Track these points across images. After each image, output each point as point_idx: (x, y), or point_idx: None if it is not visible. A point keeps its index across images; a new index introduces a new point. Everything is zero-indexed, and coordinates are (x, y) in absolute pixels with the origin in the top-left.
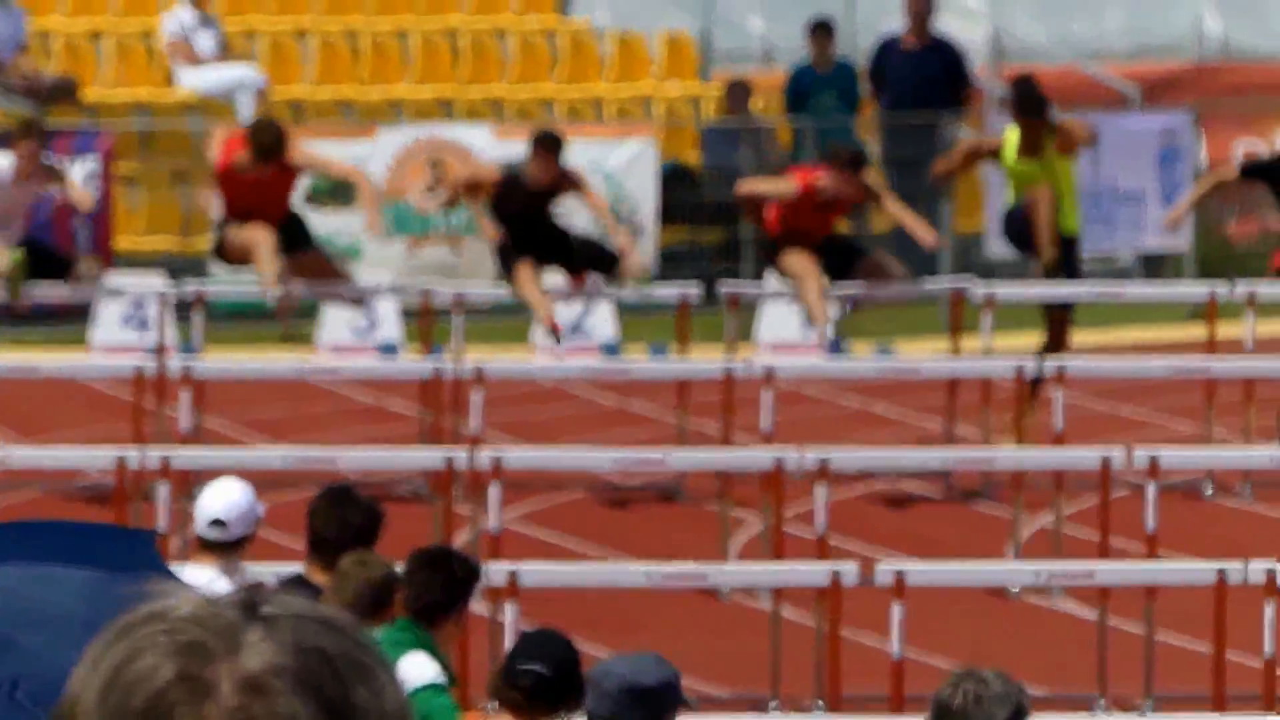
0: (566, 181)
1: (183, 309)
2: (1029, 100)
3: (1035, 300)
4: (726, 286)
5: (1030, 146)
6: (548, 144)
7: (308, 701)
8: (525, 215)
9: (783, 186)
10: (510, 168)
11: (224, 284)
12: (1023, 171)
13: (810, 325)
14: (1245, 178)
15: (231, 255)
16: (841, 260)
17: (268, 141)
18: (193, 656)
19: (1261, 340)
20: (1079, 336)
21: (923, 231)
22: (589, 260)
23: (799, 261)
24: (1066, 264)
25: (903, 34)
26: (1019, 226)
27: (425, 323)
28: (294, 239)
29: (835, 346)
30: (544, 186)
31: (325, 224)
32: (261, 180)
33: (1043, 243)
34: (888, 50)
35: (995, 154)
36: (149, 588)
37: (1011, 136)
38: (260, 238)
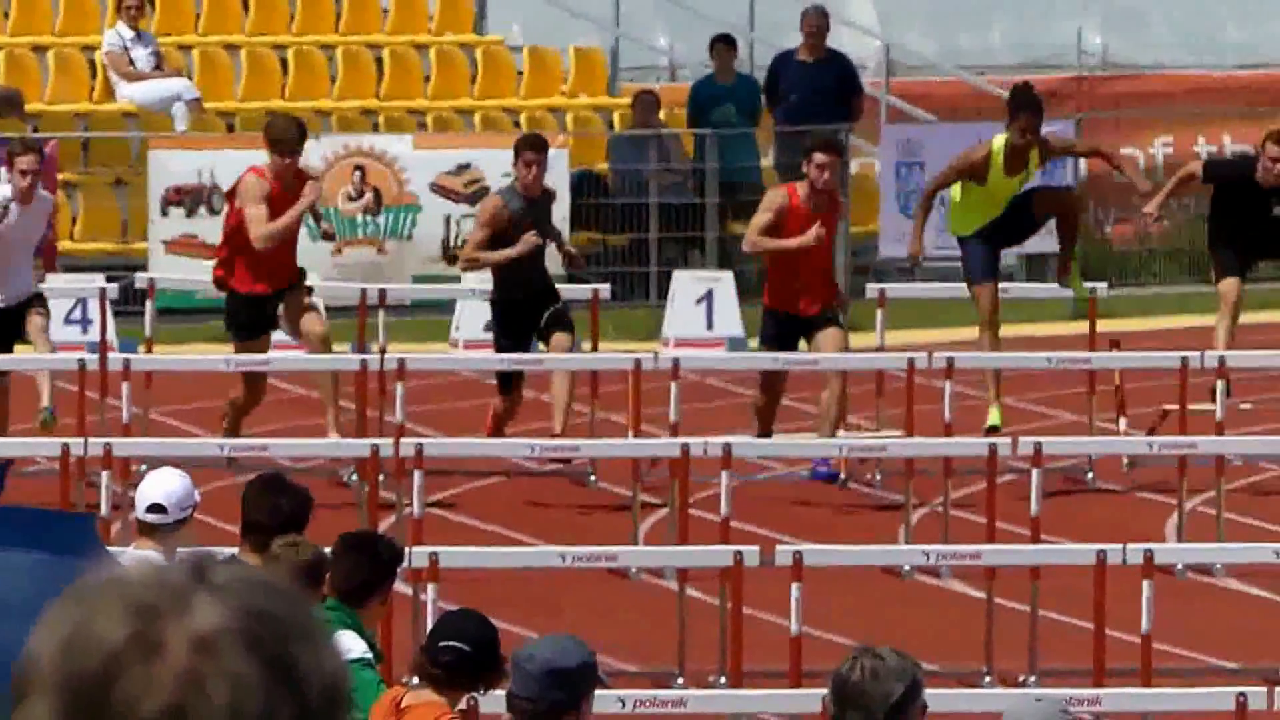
0: (548, 198)
1: (127, 300)
2: (1028, 100)
3: (923, 298)
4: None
5: (1017, 159)
6: (534, 144)
7: (254, 661)
8: (526, 236)
9: (771, 202)
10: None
11: (164, 283)
12: (1001, 187)
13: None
14: (1207, 179)
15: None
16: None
17: (276, 134)
18: (144, 618)
19: (1136, 335)
20: (966, 333)
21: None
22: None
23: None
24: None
25: (798, 49)
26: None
27: (360, 320)
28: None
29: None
30: (537, 193)
31: None
32: (286, 199)
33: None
34: (784, 64)
35: (979, 167)
36: (90, 569)
37: (997, 150)
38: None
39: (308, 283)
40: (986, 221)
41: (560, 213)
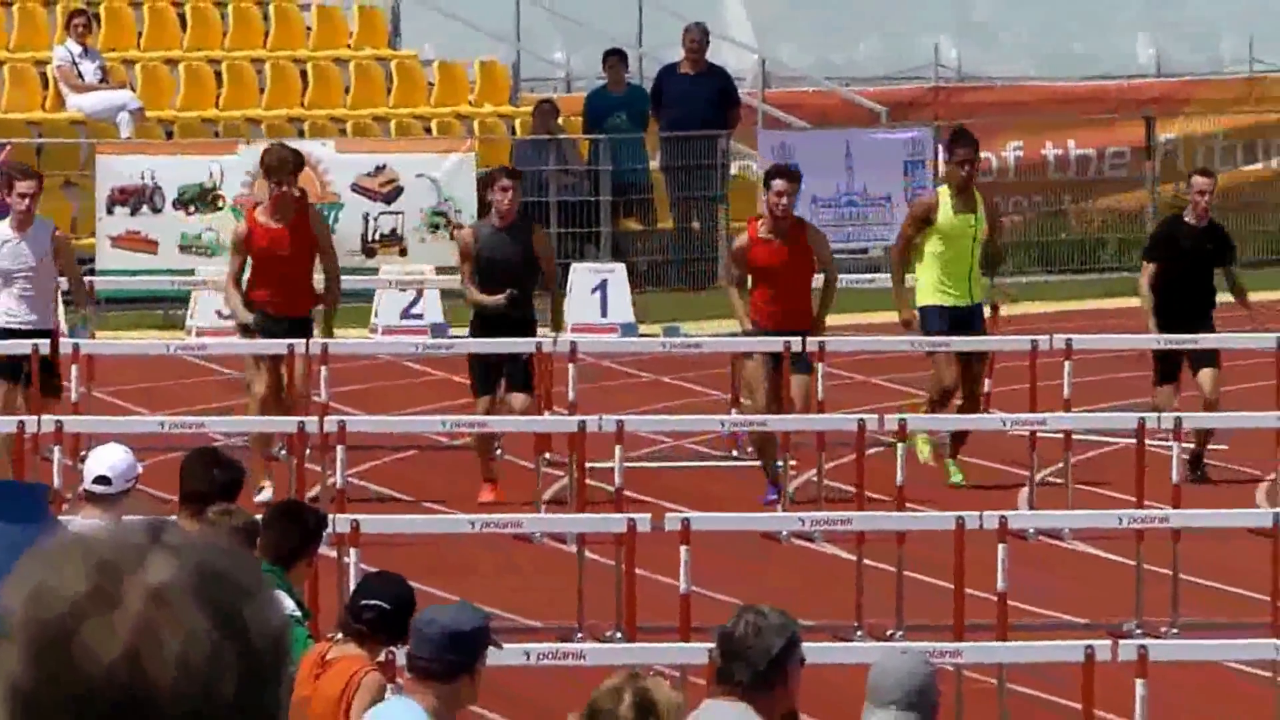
0: (534, 232)
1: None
2: (968, 136)
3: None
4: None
5: (964, 195)
6: (509, 173)
7: (203, 613)
8: (505, 266)
9: (739, 243)
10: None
11: (110, 276)
12: (959, 229)
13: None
14: (1153, 258)
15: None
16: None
17: (272, 162)
18: (104, 573)
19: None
20: (837, 319)
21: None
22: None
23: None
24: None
25: (681, 62)
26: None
27: None
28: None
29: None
30: (513, 217)
31: (191, 224)
32: (279, 235)
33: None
34: (668, 76)
35: (929, 212)
36: (44, 535)
37: (945, 195)
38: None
39: (315, 335)
40: (950, 280)
41: (469, 210)
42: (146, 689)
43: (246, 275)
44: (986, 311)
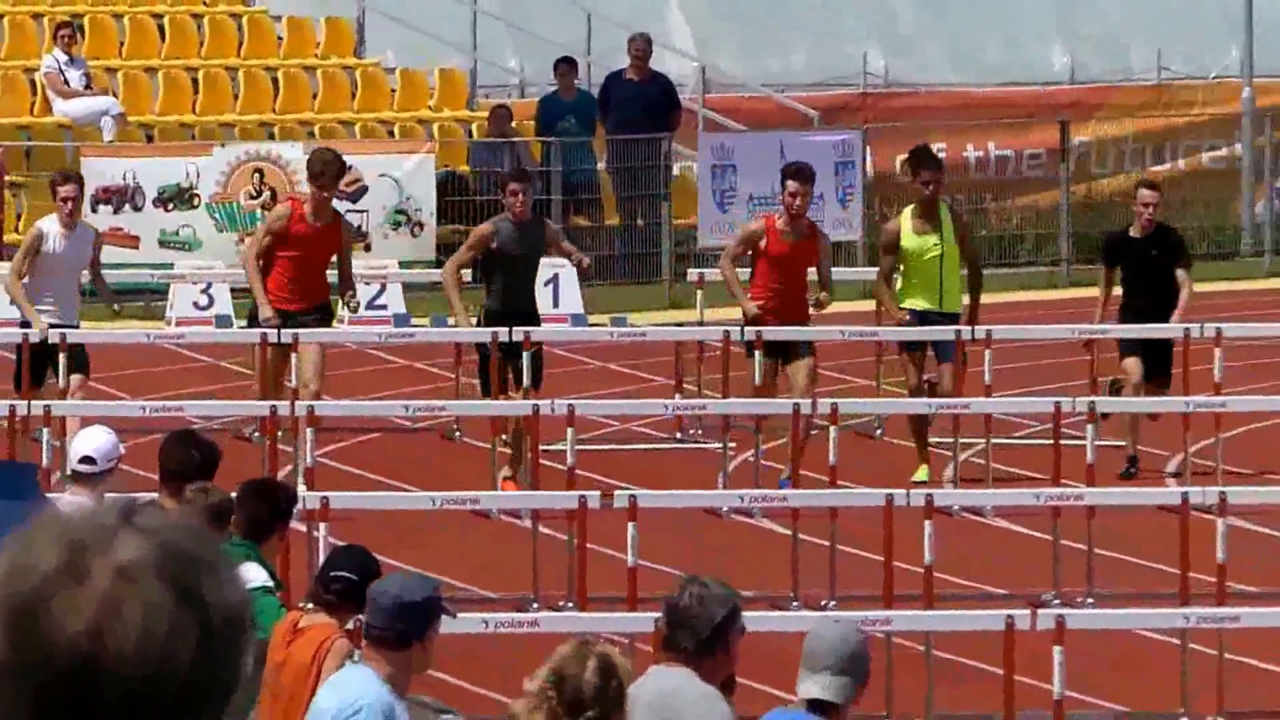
0: (541, 226)
1: None
2: (928, 155)
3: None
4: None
5: (928, 215)
6: (518, 175)
7: (165, 589)
8: (517, 259)
9: (750, 227)
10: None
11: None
12: (923, 249)
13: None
14: (1107, 263)
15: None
16: None
17: (320, 167)
18: (75, 551)
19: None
20: None
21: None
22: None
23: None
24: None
25: (626, 69)
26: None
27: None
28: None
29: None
30: (527, 217)
31: (169, 221)
32: (314, 234)
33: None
34: (614, 82)
35: (893, 239)
36: (33, 510)
37: (905, 220)
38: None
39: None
40: (923, 286)
41: (429, 208)
42: (107, 658)
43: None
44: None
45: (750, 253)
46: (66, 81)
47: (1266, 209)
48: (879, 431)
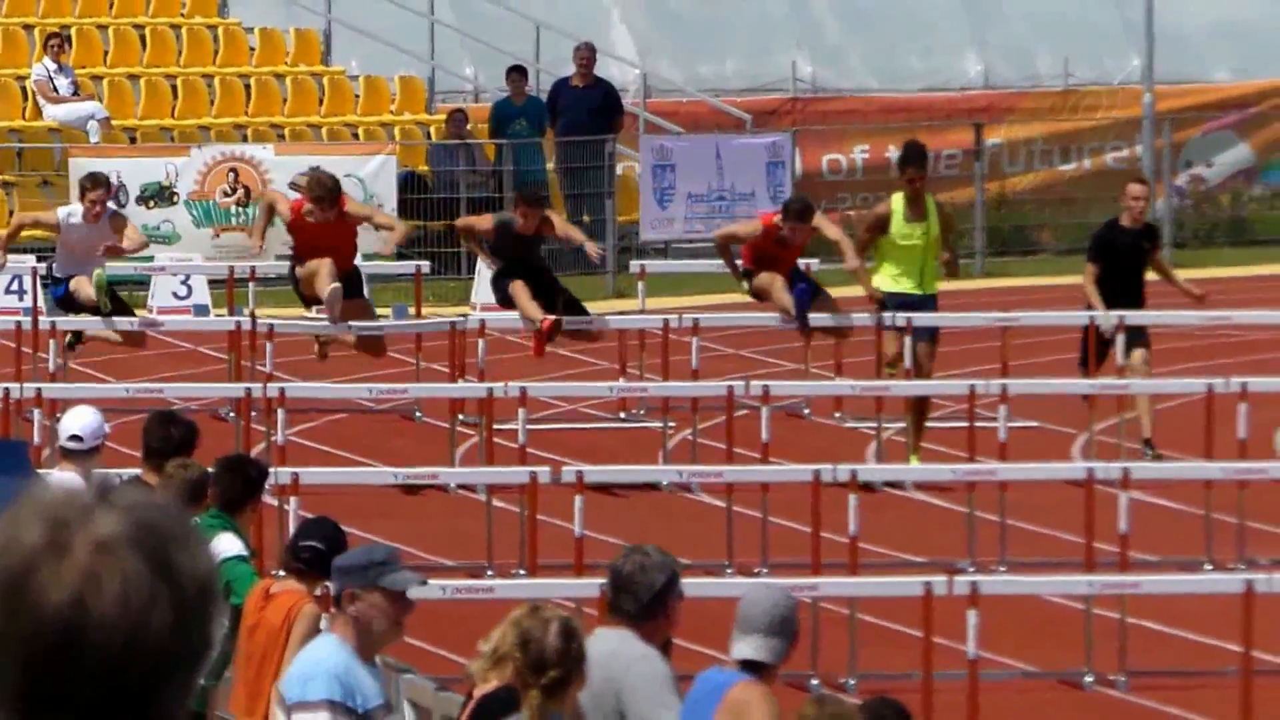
0: (545, 226)
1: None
2: (916, 153)
3: (674, 272)
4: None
5: (915, 206)
6: (531, 201)
7: (141, 561)
8: (518, 254)
9: (749, 227)
10: (501, 217)
11: None
12: (907, 234)
13: (783, 317)
14: (1096, 259)
15: (304, 286)
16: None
17: (321, 192)
18: (57, 527)
19: (848, 300)
20: (711, 298)
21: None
22: (566, 304)
23: (765, 275)
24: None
25: (573, 76)
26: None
27: (229, 290)
28: (349, 288)
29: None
30: (530, 232)
31: (151, 217)
32: (325, 226)
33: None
34: (561, 88)
35: (883, 221)
36: (23, 486)
37: (897, 205)
38: (324, 264)
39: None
40: (904, 272)
41: (390, 205)
42: (89, 625)
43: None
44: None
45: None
46: (55, 88)
47: (1166, 205)
48: (806, 412)
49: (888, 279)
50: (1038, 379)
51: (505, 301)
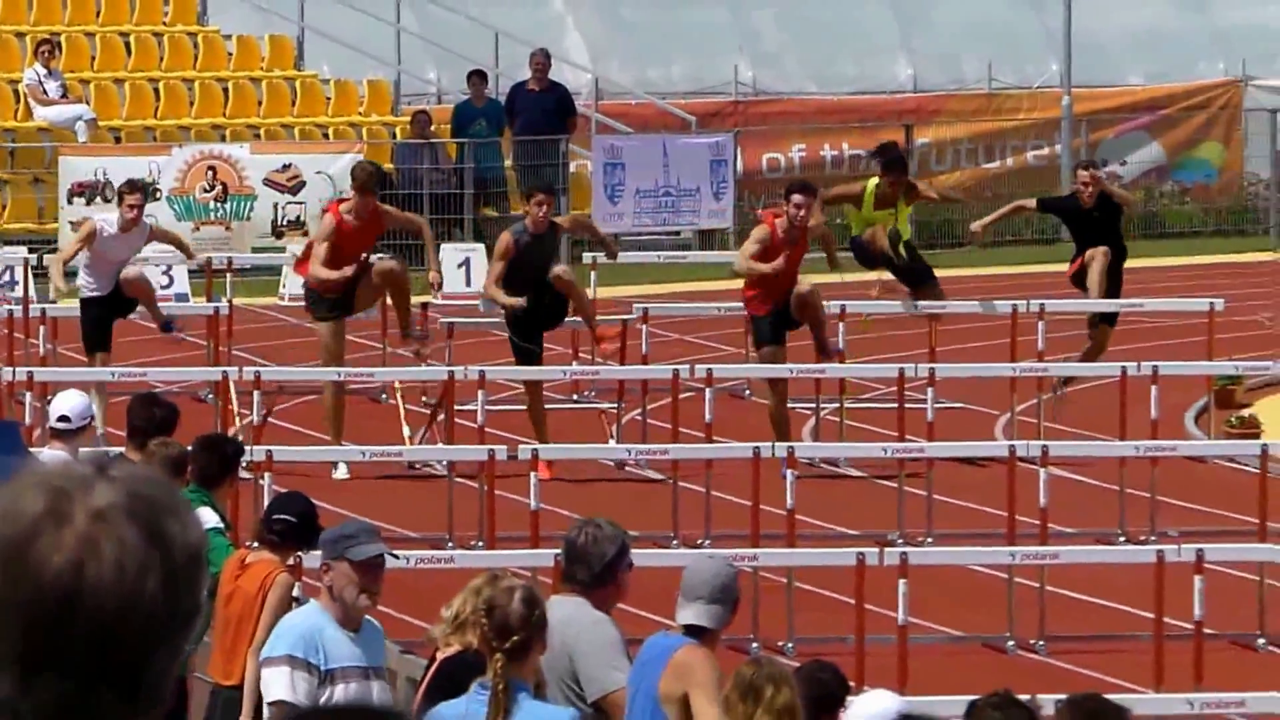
0: (556, 230)
1: (42, 266)
2: (896, 162)
3: (625, 264)
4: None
5: (886, 201)
6: (543, 189)
7: (135, 529)
8: (532, 271)
9: (757, 234)
10: (512, 230)
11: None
12: (873, 219)
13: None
14: (1041, 210)
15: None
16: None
17: (363, 177)
18: (57, 497)
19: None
20: (657, 288)
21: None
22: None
23: (868, 229)
24: (912, 263)
25: (529, 80)
26: (862, 251)
27: (207, 279)
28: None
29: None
30: (542, 230)
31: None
32: (361, 229)
33: (880, 252)
34: (518, 92)
35: (855, 198)
36: (19, 464)
37: (870, 190)
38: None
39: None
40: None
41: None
42: (87, 589)
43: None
44: None
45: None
46: (45, 91)
47: None
48: (747, 393)
49: (858, 227)
50: (963, 364)
51: (520, 357)
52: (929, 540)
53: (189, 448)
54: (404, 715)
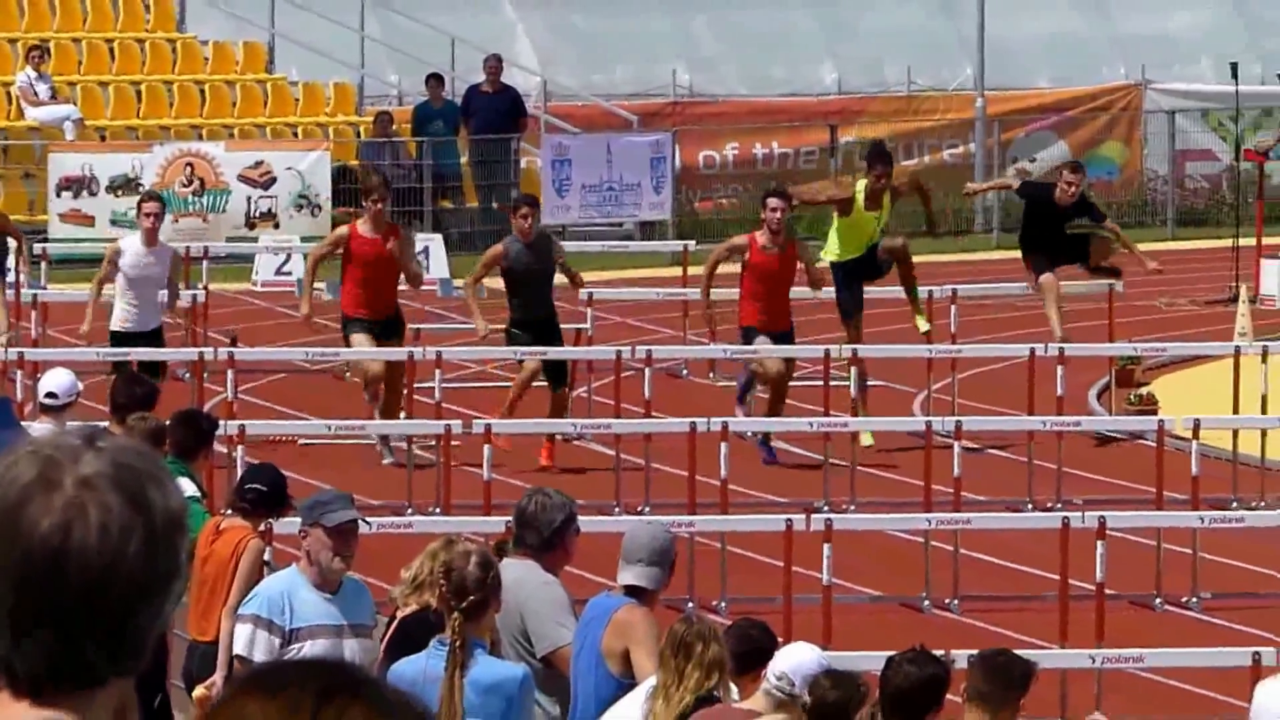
0: (546, 244)
1: (33, 253)
2: (883, 155)
3: (576, 253)
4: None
5: (875, 199)
6: (527, 200)
7: (119, 495)
8: (528, 278)
9: (734, 241)
10: (506, 242)
11: (60, 243)
12: (863, 219)
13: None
14: (1019, 192)
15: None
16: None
17: (363, 185)
18: (48, 465)
19: (721, 276)
20: (599, 274)
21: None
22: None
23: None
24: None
25: (483, 83)
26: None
27: (185, 267)
28: (389, 331)
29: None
30: (529, 240)
31: (119, 204)
32: (378, 253)
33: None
34: (473, 94)
35: (846, 204)
36: (11, 437)
37: (860, 192)
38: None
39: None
40: (852, 252)
41: (325, 194)
42: (73, 550)
43: (341, 284)
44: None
45: (740, 266)
46: (36, 93)
47: (995, 195)
48: (684, 372)
49: (835, 252)
50: (883, 345)
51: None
52: (852, 508)
53: (167, 422)
54: (347, 667)
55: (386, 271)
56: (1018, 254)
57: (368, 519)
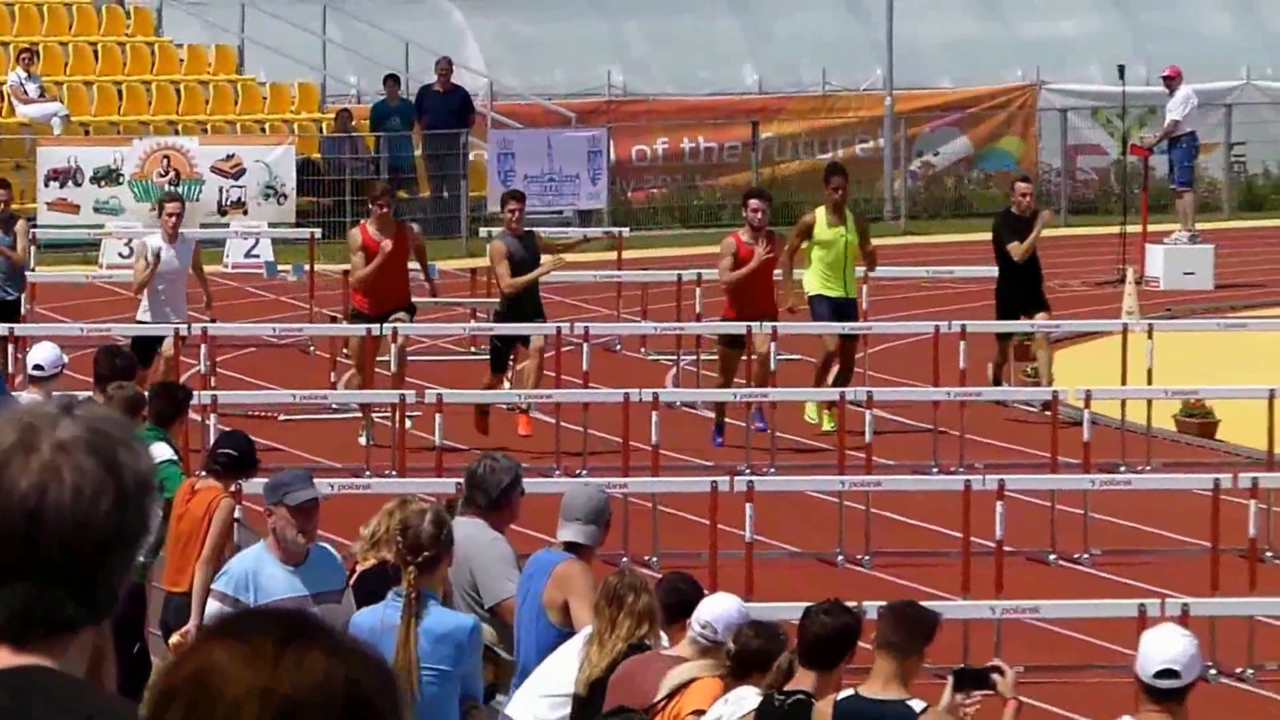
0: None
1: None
2: (837, 167)
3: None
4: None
5: (837, 211)
6: (515, 194)
7: (92, 458)
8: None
9: (725, 248)
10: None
11: (48, 229)
12: (833, 238)
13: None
14: (999, 233)
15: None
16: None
17: (369, 191)
18: (27, 430)
19: (651, 259)
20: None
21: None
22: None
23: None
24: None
25: (435, 83)
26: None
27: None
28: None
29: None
30: (519, 233)
31: (102, 193)
32: (388, 254)
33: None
34: (426, 93)
35: (808, 228)
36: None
37: (820, 213)
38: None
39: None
40: (833, 277)
41: (290, 185)
42: (48, 509)
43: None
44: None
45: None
46: (25, 92)
47: (903, 186)
48: (619, 347)
49: (817, 283)
50: (800, 322)
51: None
52: (772, 470)
53: (145, 392)
54: (306, 616)
55: (395, 268)
56: (923, 239)
57: (329, 480)
